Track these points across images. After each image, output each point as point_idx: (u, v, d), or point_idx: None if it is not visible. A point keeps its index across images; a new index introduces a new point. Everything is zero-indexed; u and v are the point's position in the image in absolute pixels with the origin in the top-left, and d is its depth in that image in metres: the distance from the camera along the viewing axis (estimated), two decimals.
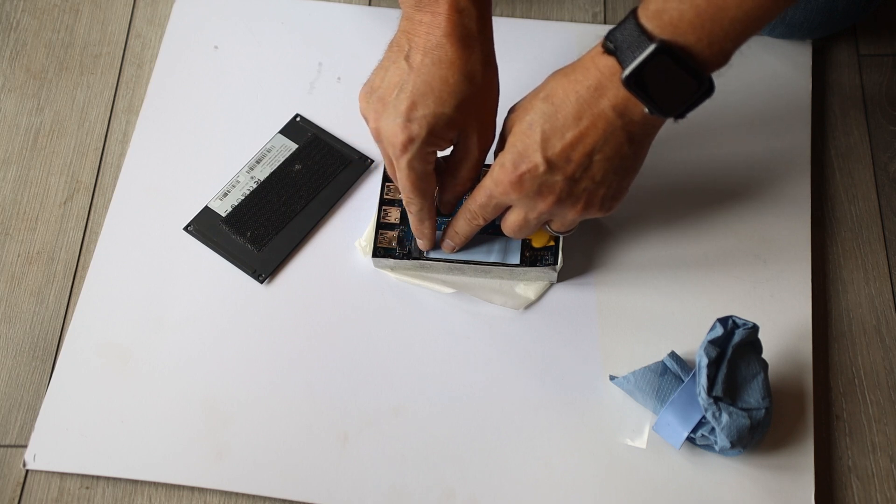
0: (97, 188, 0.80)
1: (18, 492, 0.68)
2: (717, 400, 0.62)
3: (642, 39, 0.54)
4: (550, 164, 0.59)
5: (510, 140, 0.60)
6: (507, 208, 0.64)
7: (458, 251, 0.71)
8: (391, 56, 0.63)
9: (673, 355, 0.66)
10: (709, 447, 0.65)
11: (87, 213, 0.78)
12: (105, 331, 0.72)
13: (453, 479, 0.66)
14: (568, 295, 0.72)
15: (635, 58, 0.54)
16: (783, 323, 0.70)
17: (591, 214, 0.63)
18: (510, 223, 0.65)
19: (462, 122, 0.62)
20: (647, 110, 0.56)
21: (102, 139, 0.82)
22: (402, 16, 0.62)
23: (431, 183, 0.65)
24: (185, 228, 0.76)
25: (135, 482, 0.68)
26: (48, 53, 0.86)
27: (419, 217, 0.68)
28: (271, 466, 0.67)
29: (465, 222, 0.67)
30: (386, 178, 0.74)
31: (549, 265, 0.70)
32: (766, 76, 0.81)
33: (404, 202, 0.66)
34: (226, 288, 0.73)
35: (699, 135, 0.78)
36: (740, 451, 0.64)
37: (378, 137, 0.63)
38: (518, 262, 0.70)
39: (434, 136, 0.61)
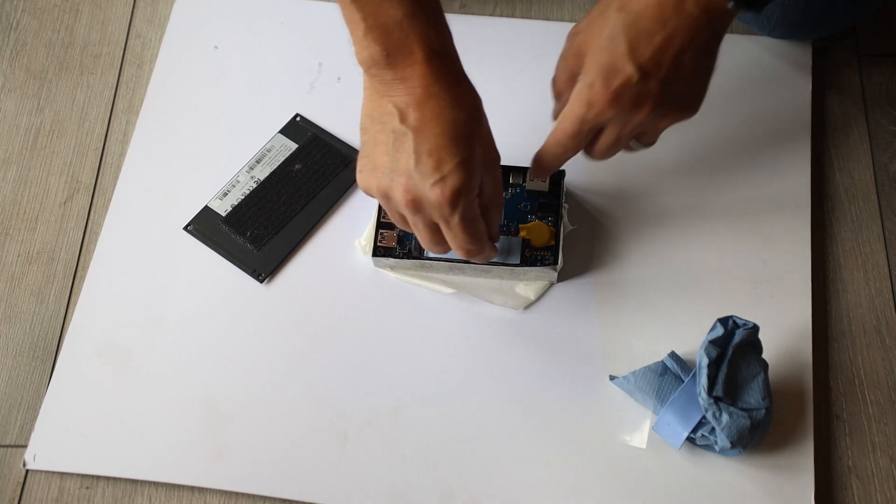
0: (97, 188, 0.80)
1: (18, 492, 0.68)
2: (717, 400, 0.62)
3: None
4: (644, 72, 0.58)
5: (590, 59, 0.59)
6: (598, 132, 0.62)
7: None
8: (378, 128, 0.59)
9: (673, 355, 0.66)
10: (709, 447, 0.65)
11: (87, 213, 0.79)
12: (105, 331, 0.72)
13: (453, 479, 0.66)
14: (568, 295, 0.72)
15: None
16: (783, 323, 0.70)
17: (683, 117, 0.62)
18: (604, 145, 0.63)
19: (481, 153, 0.60)
20: (731, 5, 0.56)
21: (102, 139, 0.82)
22: (370, 84, 0.59)
23: (482, 222, 0.63)
24: (185, 228, 0.76)
25: (135, 482, 0.68)
26: (48, 53, 0.86)
27: (485, 257, 0.65)
28: (271, 466, 0.67)
29: (553, 158, 0.65)
30: None
31: (549, 265, 0.70)
32: (767, 76, 0.81)
33: (464, 255, 0.63)
34: (226, 288, 0.73)
35: (699, 135, 0.78)
36: (740, 452, 0.64)
37: (418, 207, 0.60)
38: (518, 261, 0.70)
39: (472, 178, 0.59)
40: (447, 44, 0.59)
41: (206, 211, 0.76)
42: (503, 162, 0.74)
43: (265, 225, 0.75)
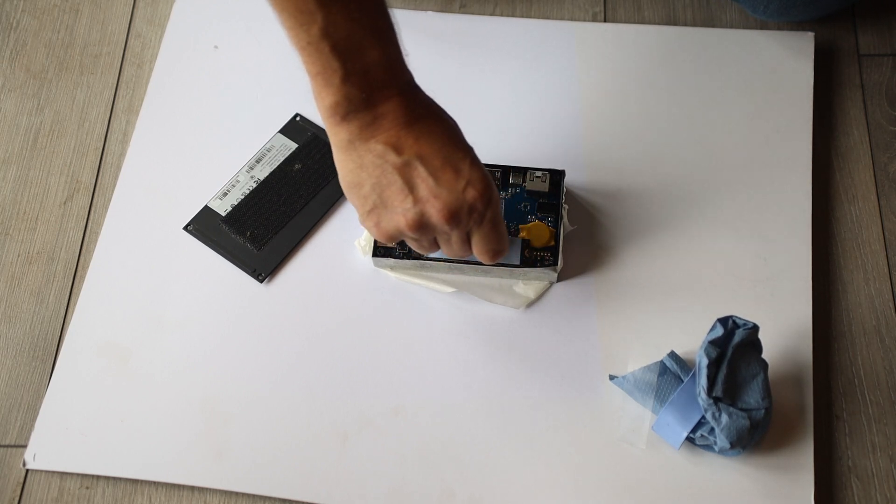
0: (97, 188, 0.80)
1: (18, 492, 0.68)
2: (716, 400, 0.62)
3: None
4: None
5: None
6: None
7: None
8: (378, 172, 0.59)
9: (672, 355, 0.66)
10: (708, 447, 0.65)
11: (87, 213, 0.79)
12: (105, 331, 0.72)
13: (453, 479, 0.66)
14: (568, 295, 0.72)
15: None
16: (783, 323, 0.70)
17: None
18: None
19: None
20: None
21: (102, 139, 0.82)
22: (346, 134, 0.58)
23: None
24: (185, 228, 0.76)
25: (135, 482, 0.68)
26: (48, 53, 0.86)
27: (502, 255, 0.66)
28: (271, 466, 0.67)
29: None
30: None
31: (549, 266, 0.70)
32: (768, 76, 0.80)
33: (490, 258, 0.64)
34: (226, 287, 0.73)
35: (699, 134, 0.78)
36: (740, 452, 0.64)
37: (458, 219, 0.59)
38: (518, 262, 0.70)
39: (489, 175, 0.61)
40: (412, 76, 0.60)
41: (206, 211, 0.76)
42: (503, 162, 0.75)
43: (265, 225, 0.75)
